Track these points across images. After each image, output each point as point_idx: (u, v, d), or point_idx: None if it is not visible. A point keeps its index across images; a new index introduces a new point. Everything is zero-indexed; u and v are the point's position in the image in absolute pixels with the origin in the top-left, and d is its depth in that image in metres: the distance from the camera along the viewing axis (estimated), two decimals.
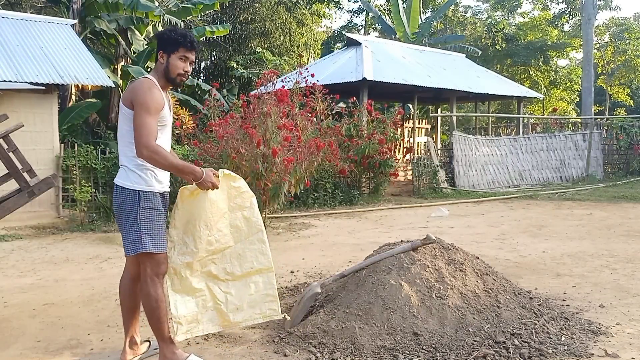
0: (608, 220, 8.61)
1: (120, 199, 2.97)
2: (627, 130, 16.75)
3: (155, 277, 2.98)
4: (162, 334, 3.00)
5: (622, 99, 31.58)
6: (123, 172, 3.00)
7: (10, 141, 3.68)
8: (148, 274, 2.97)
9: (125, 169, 2.99)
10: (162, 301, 2.98)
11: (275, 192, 7.74)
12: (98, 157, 9.39)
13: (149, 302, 2.97)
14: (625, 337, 3.44)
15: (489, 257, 5.73)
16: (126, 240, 2.97)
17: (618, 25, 29.84)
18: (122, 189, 2.96)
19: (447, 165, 14.11)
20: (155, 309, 2.96)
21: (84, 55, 10.27)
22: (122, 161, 3.01)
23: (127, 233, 2.95)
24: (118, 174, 3.02)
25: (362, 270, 3.70)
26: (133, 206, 2.93)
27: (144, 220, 2.94)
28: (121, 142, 3.00)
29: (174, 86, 3.11)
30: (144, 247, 2.92)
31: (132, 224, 2.93)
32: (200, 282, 3.17)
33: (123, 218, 2.97)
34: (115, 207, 3.01)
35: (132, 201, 2.93)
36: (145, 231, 2.93)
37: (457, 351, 3.11)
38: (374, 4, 29.92)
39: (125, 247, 2.98)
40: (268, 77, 8.65)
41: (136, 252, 2.94)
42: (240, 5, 21.08)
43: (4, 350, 3.41)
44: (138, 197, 2.93)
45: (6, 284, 5.16)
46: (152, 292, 2.96)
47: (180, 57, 3.00)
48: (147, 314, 3.00)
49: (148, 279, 2.97)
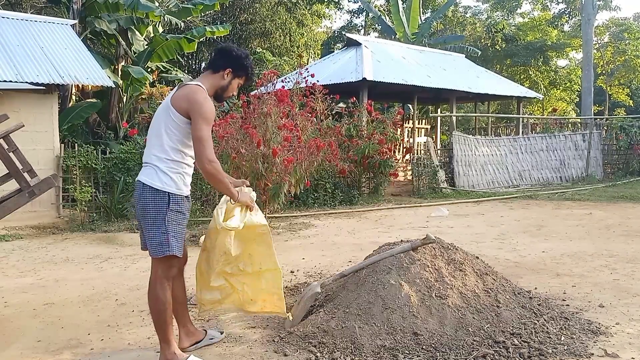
0: (608, 220, 8.61)
1: (147, 198, 2.93)
2: (626, 130, 16.75)
3: (165, 280, 2.99)
4: (165, 336, 3.01)
5: (622, 99, 31.59)
6: (152, 172, 2.95)
7: (11, 141, 3.69)
8: (159, 276, 2.98)
9: (155, 169, 2.95)
10: (169, 304, 3.01)
11: (275, 192, 7.74)
12: (98, 157, 9.40)
13: (156, 305, 2.98)
14: (625, 336, 3.44)
15: (488, 257, 5.73)
16: (153, 242, 2.93)
17: (618, 25, 29.84)
18: (151, 189, 2.92)
19: (447, 165, 14.12)
20: (163, 312, 2.98)
21: (84, 56, 10.28)
22: (150, 160, 2.98)
23: (154, 234, 2.93)
24: (144, 173, 2.97)
25: (362, 270, 3.70)
26: (162, 208, 2.92)
27: (172, 223, 2.93)
28: (155, 142, 2.98)
29: (216, 101, 3.15)
30: (171, 250, 2.93)
31: (159, 225, 2.92)
32: (218, 279, 3.27)
33: (149, 218, 2.94)
34: (141, 205, 2.96)
35: (161, 203, 2.92)
36: (172, 234, 2.93)
37: (456, 351, 3.11)
38: (373, 4, 29.92)
39: (152, 247, 2.95)
40: (268, 77, 8.65)
41: (163, 255, 2.93)
42: (241, 6, 21.10)
43: (4, 350, 3.41)
44: (168, 199, 2.92)
45: (6, 283, 5.16)
46: (161, 296, 2.98)
47: (239, 83, 3.12)
48: (154, 315, 3.01)
49: (158, 282, 2.98)
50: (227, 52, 3.12)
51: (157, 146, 2.97)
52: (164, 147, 2.94)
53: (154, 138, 3.00)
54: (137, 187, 2.99)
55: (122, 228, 8.26)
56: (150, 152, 3.00)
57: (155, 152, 2.97)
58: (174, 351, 3.02)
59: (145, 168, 3.00)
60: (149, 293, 3.03)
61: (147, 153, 3.04)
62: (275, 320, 3.83)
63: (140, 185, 2.97)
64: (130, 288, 4.92)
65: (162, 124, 2.97)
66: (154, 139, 3.00)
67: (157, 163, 2.95)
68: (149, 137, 3.05)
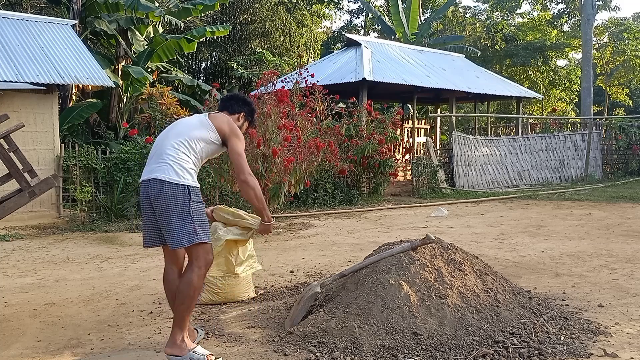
0: (607, 220, 8.62)
1: (169, 194, 3.05)
2: (626, 130, 16.76)
3: (204, 267, 3.14)
4: (183, 322, 3.12)
5: (621, 99, 31.60)
6: (168, 169, 3.10)
7: (11, 141, 3.69)
8: (199, 263, 3.11)
9: (170, 166, 3.11)
10: (198, 293, 3.15)
11: (275, 192, 7.75)
12: (98, 157, 9.41)
13: (188, 290, 3.08)
14: (624, 336, 3.45)
15: (488, 257, 5.74)
16: (180, 233, 3.05)
17: (617, 25, 29.82)
18: (171, 184, 3.06)
19: (447, 165, 14.12)
20: (192, 297, 3.09)
21: (85, 56, 10.29)
22: (165, 159, 3.14)
23: (181, 226, 3.05)
24: (160, 171, 3.10)
25: (362, 270, 3.71)
26: (185, 200, 3.07)
27: (196, 213, 3.09)
28: (178, 147, 3.17)
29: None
30: (199, 238, 3.07)
31: (185, 217, 3.06)
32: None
33: (174, 212, 3.05)
34: (162, 202, 3.07)
35: (183, 195, 3.07)
36: (198, 223, 3.09)
37: (456, 350, 3.12)
38: (373, 4, 29.94)
39: (177, 239, 3.06)
40: (268, 77, 8.67)
41: (192, 243, 3.06)
42: (241, 6, 21.09)
43: (5, 350, 3.42)
44: (189, 191, 3.09)
45: (7, 283, 5.17)
46: (195, 282, 3.09)
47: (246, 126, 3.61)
48: (180, 299, 3.09)
49: (196, 268, 3.10)
50: (243, 100, 3.61)
51: (179, 151, 3.15)
52: (186, 153, 3.16)
53: (174, 141, 3.18)
54: (154, 185, 3.09)
55: (122, 228, 8.27)
56: (166, 153, 3.16)
57: (171, 152, 3.15)
58: (184, 338, 3.12)
59: (159, 166, 3.13)
60: (182, 279, 3.15)
61: (159, 153, 3.19)
62: (275, 320, 3.84)
63: (158, 182, 3.09)
64: (130, 288, 4.93)
65: (196, 134, 3.22)
66: (177, 144, 3.18)
67: (173, 162, 3.12)
68: (167, 139, 3.22)
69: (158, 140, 3.31)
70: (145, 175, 3.18)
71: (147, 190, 3.13)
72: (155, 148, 3.27)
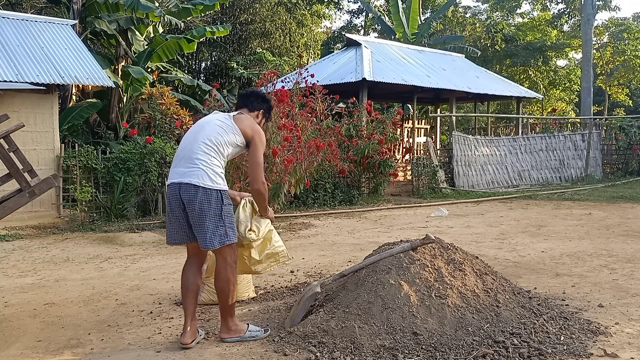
0: (607, 220, 8.62)
1: (203, 198, 3.26)
2: (626, 130, 16.76)
3: (234, 265, 3.43)
4: (232, 311, 3.45)
5: (621, 99, 31.60)
6: (203, 174, 3.29)
7: (11, 141, 3.69)
8: (229, 262, 3.39)
9: (203, 171, 3.29)
10: (235, 285, 3.48)
11: (275, 192, 7.74)
12: (98, 157, 9.40)
13: (227, 286, 3.38)
14: (624, 336, 3.45)
15: (488, 257, 5.75)
16: (212, 235, 3.28)
17: (617, 25, 29.82)
18: (205, 190, 3.27)
19: (447, 165, 14.12)
20: (232, 291, 3.41)
21: (85, 56, 10.28)
22: (196, 164, 3.31)
23: (214, 229, 3.29)
24: (194, 176, 3.28)
25: (362, 270, 3.71)
26: (218, 204, 3.30)
27: (227, 216, 3.35)
28: (209, 152, 3.34)
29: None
30: (230, 239, 3.36)
31: (218, 220, 3.30)
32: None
33: (208, 216, 3.27)
34: (196, 205, 3.26)
35: (217, 200, 3.30)
36: (229, 225, 3.36)
37: (456, 350, 3.12)
38: (373, 4, 29.94)
39: (210, 241, 3.29)
40: (268, 77, 8.66)
41: (223, 245, 3.32)
42: (241, 6, 21.09)
43: (5, 350, 3.42)
44: (221, 195, 3.33)
45: (7, 283, 5.17)
46: (231, 278, 3.40)
47: (264, 122, 3.78)
48: (224, 295, 3.38)
49: (229, 266, 3.38)
50: (262, 97, 3.77)
51: (210, 155, 3.34)
52: (220, 158, 3.38)
53: (204, 146, 3.35)
54: (188, 189, 3.27)
55: (122, 228, 8.27)
56: (197, 157, 3.32)
57: (203, 157, 3.33)
58: (235, 322, 3.47)
59: (192, 170, 3.30)
60: (218, 277, 3.40)
61: (189, 156, 3.36)
62: (275, 320, 3.84)
63: (192, 187, 3.27)
64: (130, 288, 4.93)
65: (225, 139, 3.41)
66: (208, 147, 3.35)
67: (206, 167, 3.31)
68: (195, 142, 3.38)
69: (185, 141, 3.46)
70: (177, 177, 3.33)
71: (179, 192, 3.30)
72: (183, 150, 3.42)
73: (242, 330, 3.45)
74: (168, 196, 3.42)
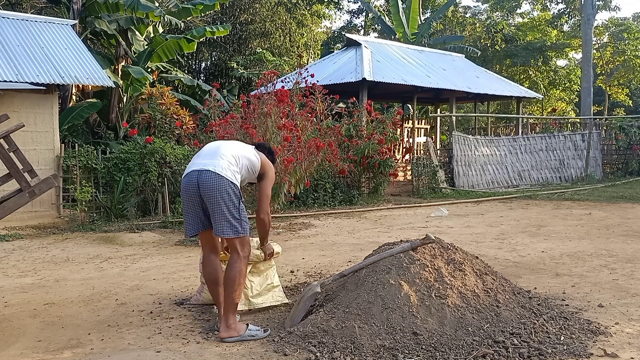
0: (607, 220, 8.62)
1: (222, 187, 3.43)
2: (626, 130, 16.75)
3: (247, 257, 3.58)
4: (235, 307, 3.52)
5: (621, 99, 31.59)
6: (226, 168, 3.48)
7: (11, 141, 3.69)
8: (244, 253, 3.53)
9: (225, 167, 3.49)
10: (245, 278, 3.64)
11: (275, 192, 7.74)
12: (98, 157, 9.40)
13: (238, 277, 3.49)
14: (624, 336, 3.45)
15: (488, 257, 5.75)
16: (228, 224, 3.45)
17: (617, 25, 29.81)
18: (227, 180, 3.46)
19: (447, 165, 14.12)
20: (240, 284, 3.52)
21: (85, 56, 10.28)
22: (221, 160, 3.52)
23: (230, 219, 3.45)
24: (217, 165, 3.47)
25: (362, 270, 3.71)
26: (236, 197, 3.49)
27: (242, 210, 3.53)
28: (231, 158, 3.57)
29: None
30: (244, 232, 3.52)
31: (235, 211, 3.47)
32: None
33: (226, 205, 3.44)
34: (216, 192, 3.42)
35: (234, 192, 3.49)
36: (244, 219, 3.53)
37: (456, 350, 3.12)
38: (373, 4, 29.94)
39: (225, 229, 3.45)
40: (268, 77, 8.67)
41: (237, 236, 3.48)
42: (241, 6, 21.08)
43: (5, 350, 3.42)
44: (239, 190, 3.54)
45: (7, 283, 5.17)
46: (243, 270, 3.53)
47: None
48: (231, 286, 3.47)
49: (243, 258, 3.52)
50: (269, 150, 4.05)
51: (229, 159, 3.56)
52: (239, 169, 3.59)
53: (228, 152, 3.60)
54: (208, 175, 3.44)
55: (122, 228, 8.27)
56: (221, 155, 3.55)
57: (226, 158, 3.56)
58: (236, 320, 3.51)
59: (214, 161, 3.50)
60: (231, 268, 3.50)
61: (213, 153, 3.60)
62: (275, 320, 3.84)
63: (214, 174, 3.44)
64: (130, 288, 4.93)
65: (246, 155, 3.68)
66: (227, 152, 3.60)
67: (228, 164, 3.52)
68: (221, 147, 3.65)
69: (210, 145, 3.75)
70: (197, 166, 3.51)
71: (198, 178, 3.46)
72: (207, 148, 3.70)
73: (241, 330, 3.47)
74: (184, 185, 3.56)
